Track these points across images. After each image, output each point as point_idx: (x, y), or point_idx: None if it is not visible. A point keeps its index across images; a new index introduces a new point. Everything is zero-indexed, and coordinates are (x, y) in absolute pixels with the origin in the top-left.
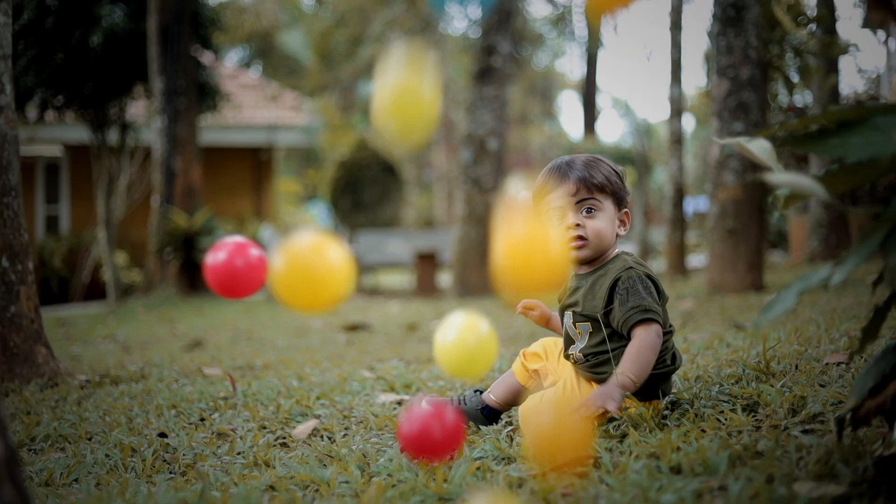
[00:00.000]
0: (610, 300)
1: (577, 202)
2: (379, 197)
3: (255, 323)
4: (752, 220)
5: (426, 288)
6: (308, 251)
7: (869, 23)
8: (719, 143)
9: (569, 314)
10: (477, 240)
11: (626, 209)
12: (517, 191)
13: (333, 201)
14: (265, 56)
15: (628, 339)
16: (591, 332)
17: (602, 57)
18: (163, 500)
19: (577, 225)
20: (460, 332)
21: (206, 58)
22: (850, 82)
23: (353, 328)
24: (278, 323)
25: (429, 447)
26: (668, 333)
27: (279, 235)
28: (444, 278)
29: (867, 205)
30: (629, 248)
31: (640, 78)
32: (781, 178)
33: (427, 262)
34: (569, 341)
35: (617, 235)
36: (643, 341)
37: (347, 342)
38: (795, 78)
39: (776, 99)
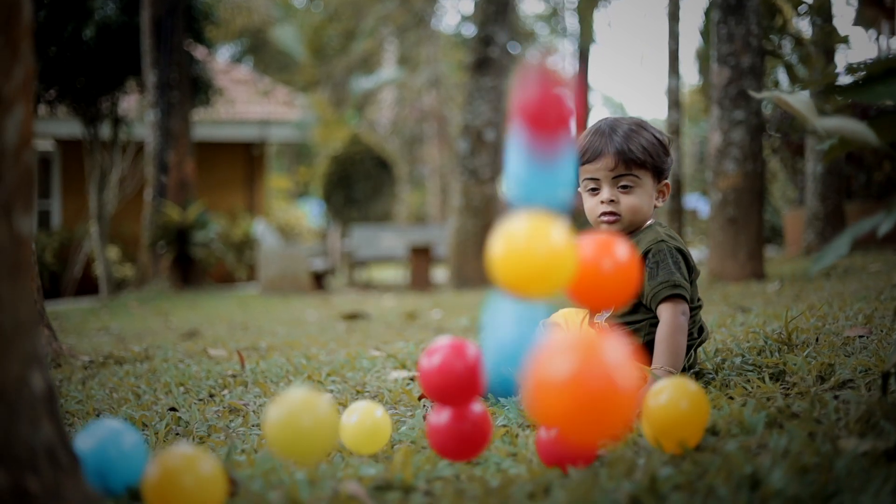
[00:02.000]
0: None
1: (614, 177)
2: (371, 192)
3: (249, 316)
4: (752, 208)
5: (420, 282)
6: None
7: (861, 20)
8: (756, 97)
9: None
10: (474, 231)
11: (665, 181)
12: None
13: (326, 196)
14: (257, 51)
15: (655, 312)
16: None
17: (594, 53)
18: None
19: (612, 201)
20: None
21: (199, 52)
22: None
23: (352, 317)
24: (273, 315)
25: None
26: (696, 308)
27: (271, 231)
28: (439, 274)
29: (862, 199)
30: None
31: (633, 75)
32: (831, 122)
33: (421, 256)
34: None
35: (655, 206)
36: (670, 326)
37: (348, 329)
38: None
39: (776, 87)
